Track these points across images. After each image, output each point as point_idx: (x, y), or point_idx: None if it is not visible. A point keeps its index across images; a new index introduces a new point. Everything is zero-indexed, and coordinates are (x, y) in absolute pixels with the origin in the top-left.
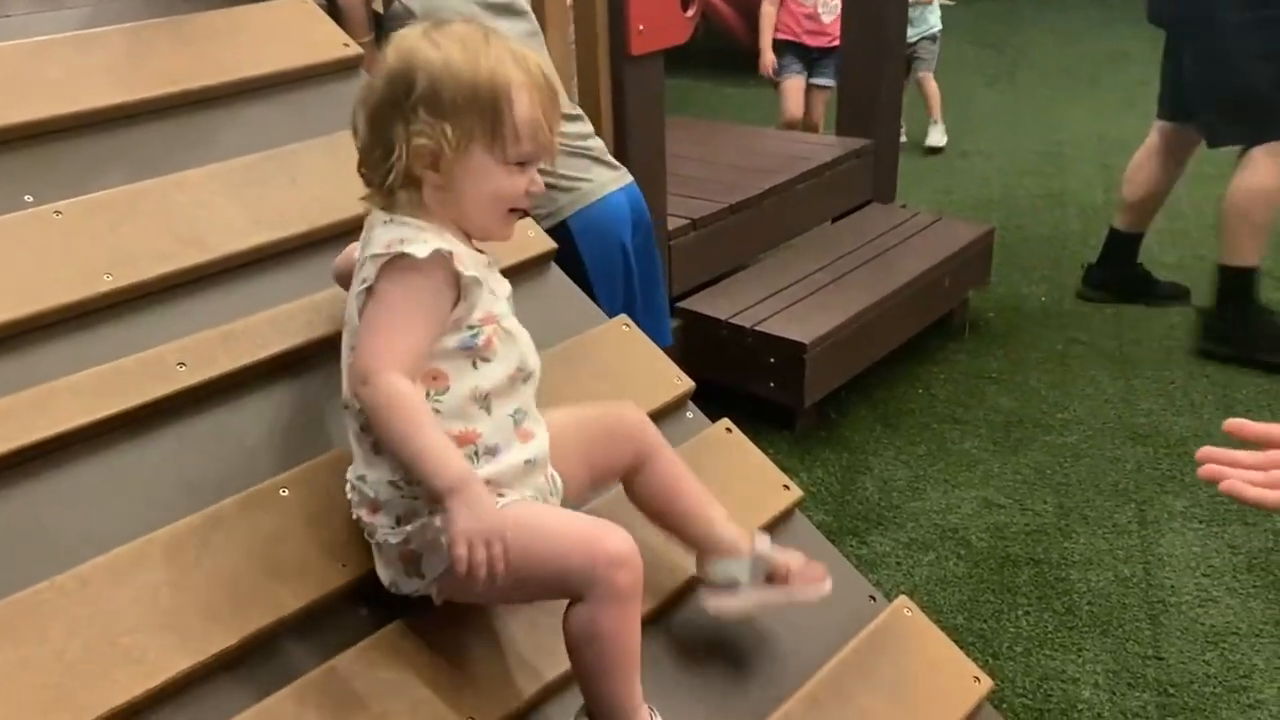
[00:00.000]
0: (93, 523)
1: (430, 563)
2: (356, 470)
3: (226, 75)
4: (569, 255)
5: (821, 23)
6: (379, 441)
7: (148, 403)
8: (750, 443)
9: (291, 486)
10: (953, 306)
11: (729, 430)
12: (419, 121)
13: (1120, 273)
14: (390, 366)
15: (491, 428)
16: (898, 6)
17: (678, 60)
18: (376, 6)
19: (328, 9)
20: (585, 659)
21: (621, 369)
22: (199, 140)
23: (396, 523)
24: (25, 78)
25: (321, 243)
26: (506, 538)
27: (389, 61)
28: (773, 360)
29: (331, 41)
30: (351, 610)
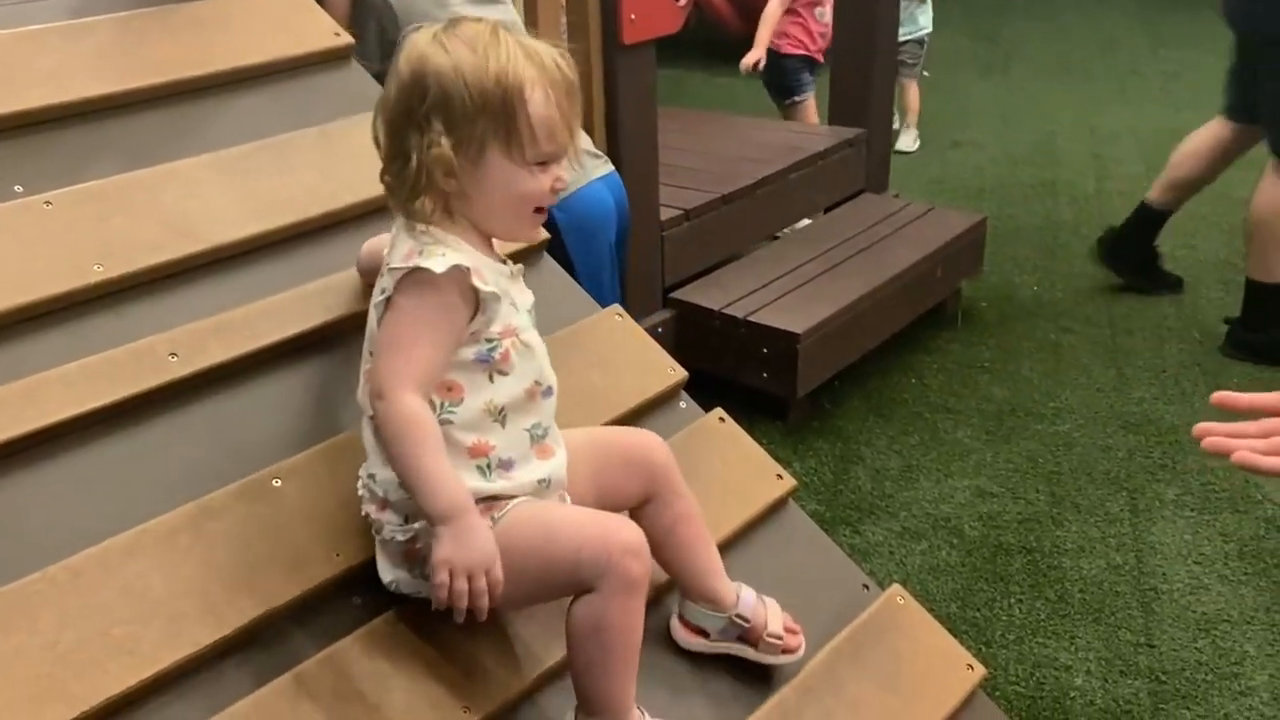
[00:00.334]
0: (84, 514)
1: None
2: (369, 468)
3: (217, 65)
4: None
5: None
6: None
7: (139, 394)
8: (743, 432)
9: (285, 477)
10: (945, 296)
11: (722, 420)
12: (433, 131)
13: (1136, 247)
14: (404, 386)
15: (506, 441)
16: None
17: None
18: None
19: None
20: (588, 651)
21: (615, 359)
22: (190, 130)
23: (405, 520)
24: (15, 67)
25: (313, 233)
26: (493, 573)
27: (400, 70)
28: (766, 350)
29: (322, 31)
30: (345, 600)
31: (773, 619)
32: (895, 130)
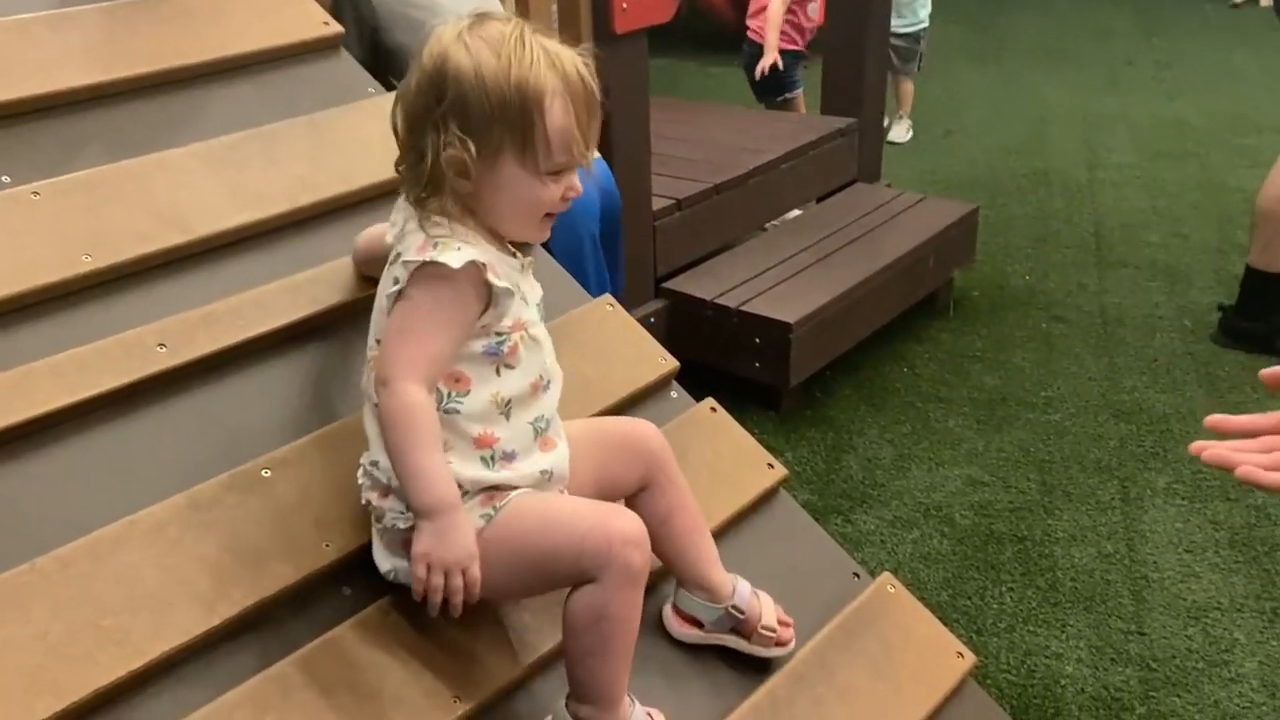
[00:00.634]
0: (73, 504)
1: None
2: (371, 456)
3: (205, 54)
4: None
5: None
6: None
7: (128, 384)
8: (735, 422)
9: (274, 467)
10: (937, 286)
11: (713, 410)
12: (449, 133)
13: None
14: (409, 376)
15: (510, 434)
16: None
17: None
18: None
19: None
20: (587, 641)
21: (606, 348)
22: (178, 120)
23: (406, 508)
24: (2, 58)
25: (303, 223)
26: (470, 572)
27: (423, 64)
28: (758, 340)
29: (311, 20)
30: (336, 590)
31: (766, 612)
32: (886, 123)
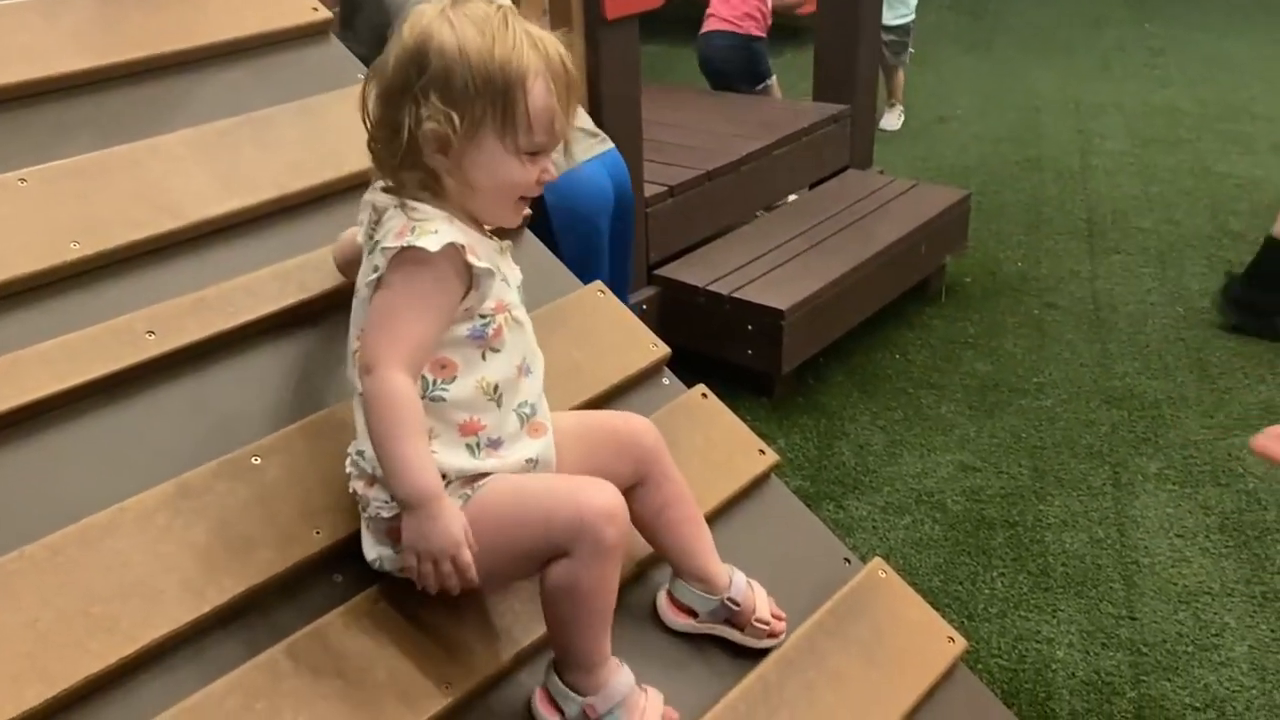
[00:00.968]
0: (63, 492)
1: None
2: (358, 445)
3: (196, 40)
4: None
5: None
6: None
7: (117, 371)
8: (725, 408)
9: (264, 454)
10: (929, 272)
11: (705, 396)
12: (429, 105)
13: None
14: (392, 362)
15: (497, 420)
16: None
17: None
18: None
19: None
20: (560, 611)
21: (597, 335)
22: (168, 106)
23: (391, 498)
24: None
25: (294, 209)
26: (459, 558)
27: (403, 39)
28: (750, 327)
29: (301, 5)
30: (326, 578)
31: (761, 604)
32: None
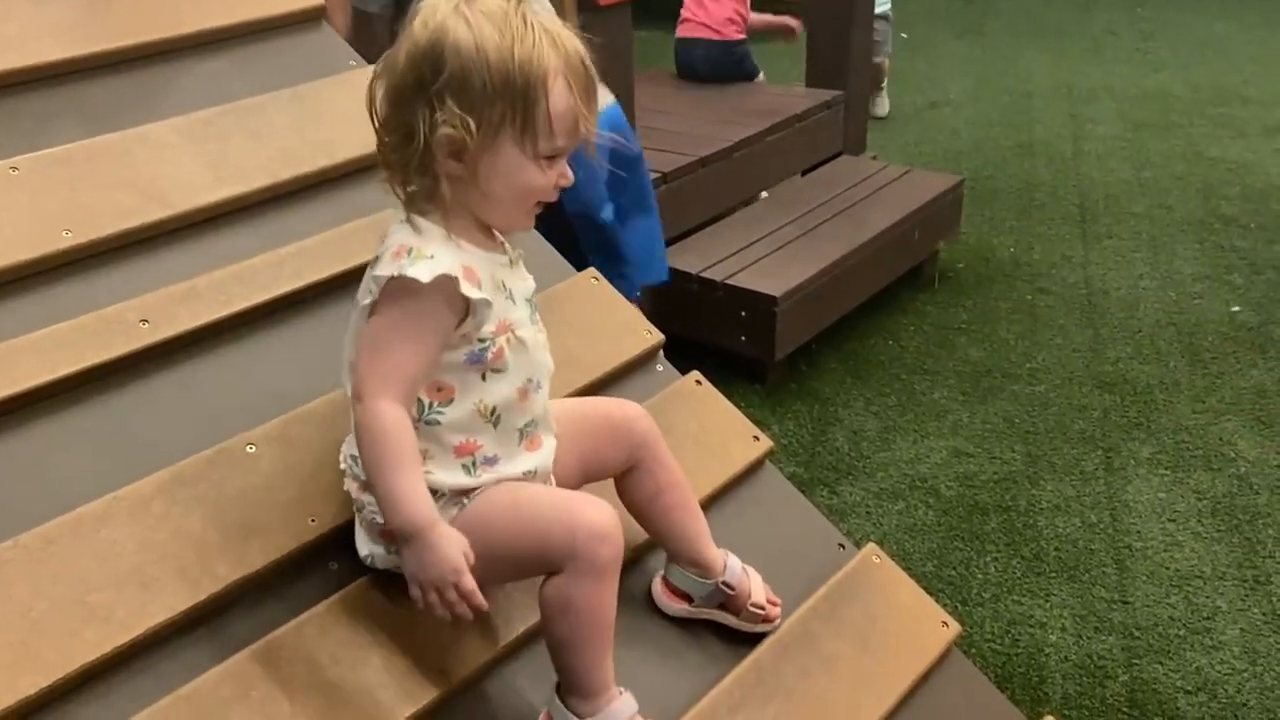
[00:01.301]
0: (56, 481)
1: None
2: (351, 449)
3: (185, 28)
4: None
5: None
6: None
7: (110, 360)
8: (719, 394)
9: (259, 443)
10: (922, 258)
11: (699, 383)
12: (444, 109)
13: None
14: (382, 393)
15: (494, 439)
16: None
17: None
18: None
19: None
20: (558, 631)
21: (591, 322)
22: (158, 94)
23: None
24: None
25: (284, 197)
26: (461, 585)
27: (415, 37)
28: (744, 314)
29: None
30: (322, 565)
31: (756, 589)
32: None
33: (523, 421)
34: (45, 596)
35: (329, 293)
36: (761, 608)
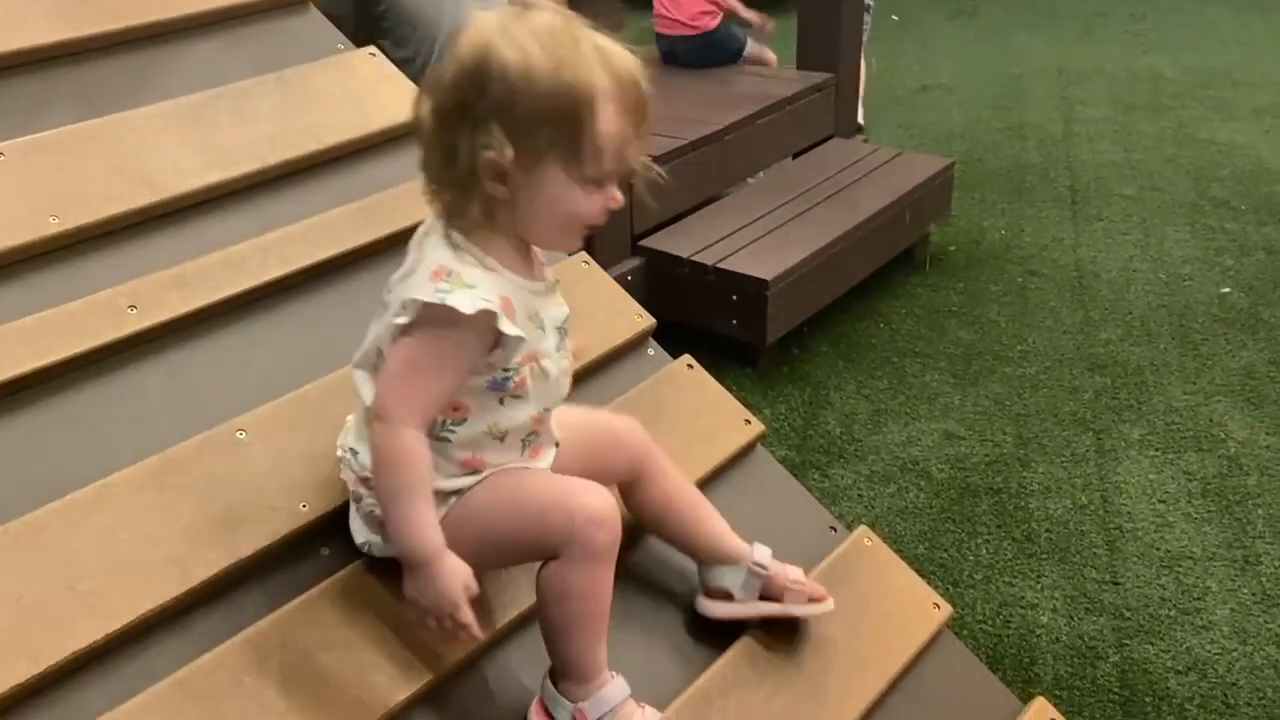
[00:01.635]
0: (46, 468)
1: None
2: (352, 443)
3: (173, 11)
4: None
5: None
6: None
7: (98, 347)
8: (711, 378)
9: (249, 429)
10: (913, 241)
11: (690, 366)
12: (488, 134)
13: None
14: (407, 419)
15: (500, 454)
16: None
17: None
18: None
19: None
20: (553, 616)
21: (582, 306)
22: (146, 78)
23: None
24: None
25: (273, 181)
26: (458, 616)
27: (461, 55)
28: (735, 297)
29: None
30: (313, 550)
31: (790, 569)
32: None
33: (528, 433)
34: (36, 584)
35: (318, 278)
36: (800, 583)
